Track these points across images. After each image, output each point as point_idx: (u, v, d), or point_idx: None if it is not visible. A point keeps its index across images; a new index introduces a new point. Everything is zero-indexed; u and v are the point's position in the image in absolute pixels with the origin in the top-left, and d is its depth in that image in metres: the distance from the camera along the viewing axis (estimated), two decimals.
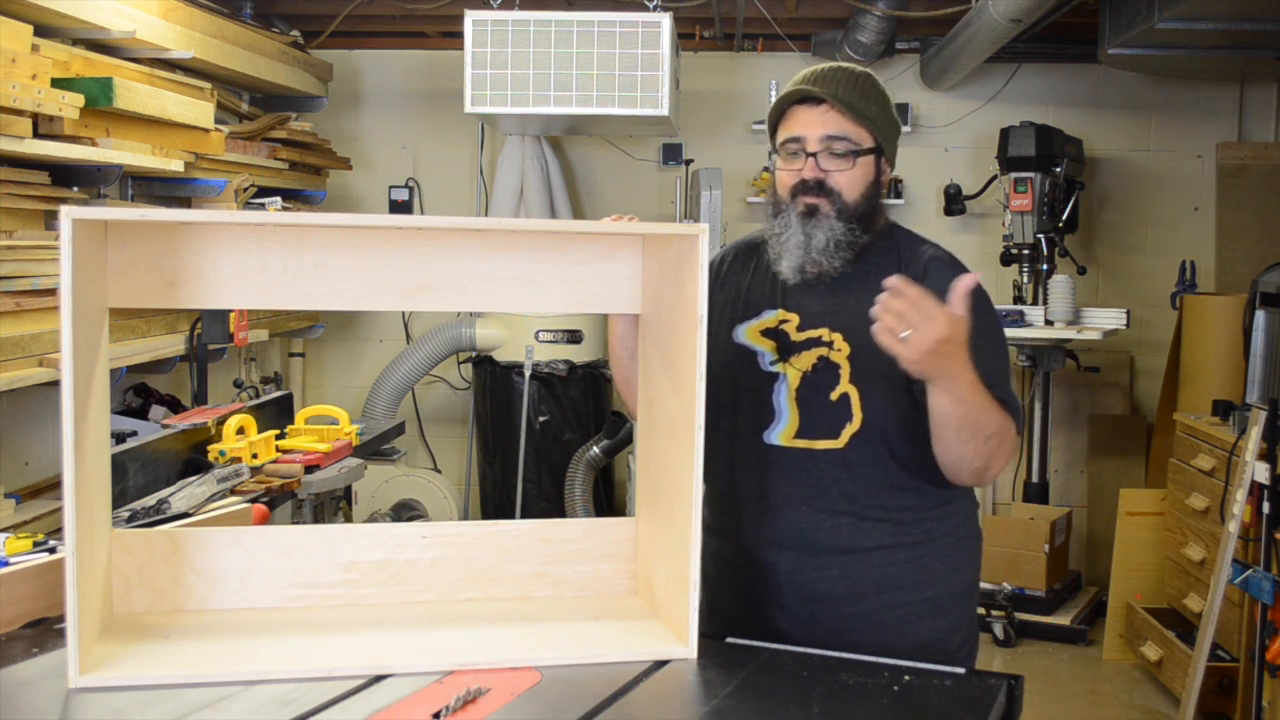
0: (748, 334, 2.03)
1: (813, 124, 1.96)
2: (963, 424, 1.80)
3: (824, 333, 1.97)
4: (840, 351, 1.95)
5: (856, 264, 1.98)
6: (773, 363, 1.99)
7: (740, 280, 2.10)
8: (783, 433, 1.97)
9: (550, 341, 5.30)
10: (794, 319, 2.00)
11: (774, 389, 1.98)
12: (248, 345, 4.78)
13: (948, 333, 1.69)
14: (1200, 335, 4.93)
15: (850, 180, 1.96)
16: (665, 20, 4.43)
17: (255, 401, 4.21)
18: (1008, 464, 1.90)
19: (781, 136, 2.00)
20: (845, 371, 1.94)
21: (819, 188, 1.95)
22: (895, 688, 1.59)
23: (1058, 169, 5.15)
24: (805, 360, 1.97)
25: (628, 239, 1.92)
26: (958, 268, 1.96)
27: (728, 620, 2.02)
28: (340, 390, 5.94)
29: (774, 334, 2.00)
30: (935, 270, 1.95)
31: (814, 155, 1.95)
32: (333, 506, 3.74)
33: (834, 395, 1.94)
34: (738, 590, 2.04)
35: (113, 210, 2.86)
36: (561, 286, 1.90)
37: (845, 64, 2.03)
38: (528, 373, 5.26)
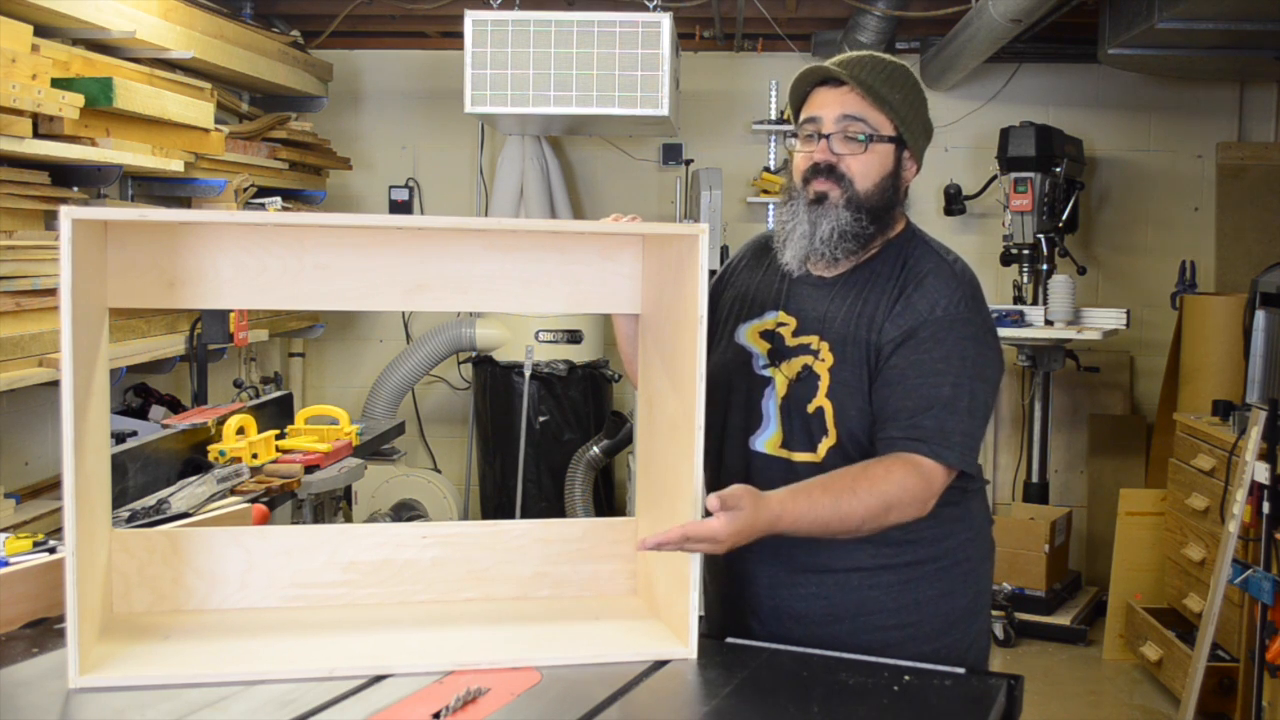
0: (748, 334, 1.98)
1: (830, 104, 1.90)
2: (824, 533, 1.73)
3: (814, 340, 1.90)
4: (824, 362, 1.88)
5: (863, 269, 1.92)
6: (764, 366, 1.94)
7: (751, 278, 2.04)
8: (768, 440, 1.91)
9: (550, 341, 5.29)
10: (791, 323, 1.94)
11: (765, 394, 1.92)
12: (248, 345, 4.77)
13: (726, 545, 1.62)
14: (1200, 335, 4.92)
15: (863, 166, 1.90)
16: (665, 20, 4.42)
17: (255, 401, 4.21)
18: (923, 504, 1.78)
19: (800, 118, 1.95)
20: (824, 384, 1.87)
21: (829, 172, 1.89)
22: (895, 688, 1.59)
23: (1058, 169, 5.14)
24: (792, 367, 1.91)
25: (628, 239, 1.92)
26: (949, 285, 1.88)
27: (710, 623, 2.02)
28: (340, 390, 5.94)
29: (770, 336, 1.95)
30: (926, 286, 1.87)
31: (828, 137, 1.89)
32: (333, 506, 3.74)
33: (810, 408, 1.88)
34: (720, 595, 2.02)
35: (113, 210, 2.86)
36: (561, 286, 1.90)
37: (881, 54, 1.97)
38: (528, 373, 5.25)
